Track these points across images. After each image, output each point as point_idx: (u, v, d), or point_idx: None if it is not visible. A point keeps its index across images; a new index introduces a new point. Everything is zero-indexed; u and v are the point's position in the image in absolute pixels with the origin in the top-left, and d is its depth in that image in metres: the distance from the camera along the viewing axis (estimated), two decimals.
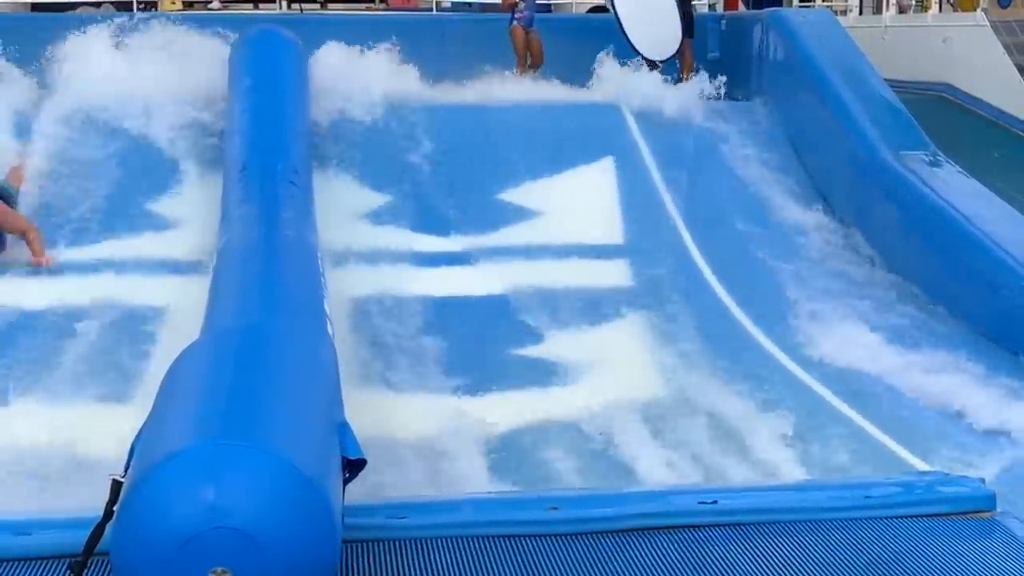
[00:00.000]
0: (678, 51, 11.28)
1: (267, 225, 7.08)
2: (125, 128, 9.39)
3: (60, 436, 5.93)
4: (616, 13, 11.15)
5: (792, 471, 5.86)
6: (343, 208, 8.78)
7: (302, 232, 7.17)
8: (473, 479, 5.73)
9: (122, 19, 10.61)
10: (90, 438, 5.84)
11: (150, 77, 9.79)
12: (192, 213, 8.62)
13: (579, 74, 11.15)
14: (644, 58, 11.05)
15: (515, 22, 11.65)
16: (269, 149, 8.31)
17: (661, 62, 11.16)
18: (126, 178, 9.01)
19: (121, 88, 9.66)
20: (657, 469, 5.93)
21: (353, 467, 3.60)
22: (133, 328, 7.28)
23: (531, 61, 11.66)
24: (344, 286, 7.61)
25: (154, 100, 9.53)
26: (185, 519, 2.97)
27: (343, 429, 3.71)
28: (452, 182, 9.40)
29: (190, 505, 2.99)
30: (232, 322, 5.40)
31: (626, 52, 11.04)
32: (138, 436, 3.46)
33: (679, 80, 11.03)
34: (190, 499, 3.00)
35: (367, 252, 8.32)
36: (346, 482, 3.54)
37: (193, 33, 10.36)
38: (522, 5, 11.70)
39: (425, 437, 6.13)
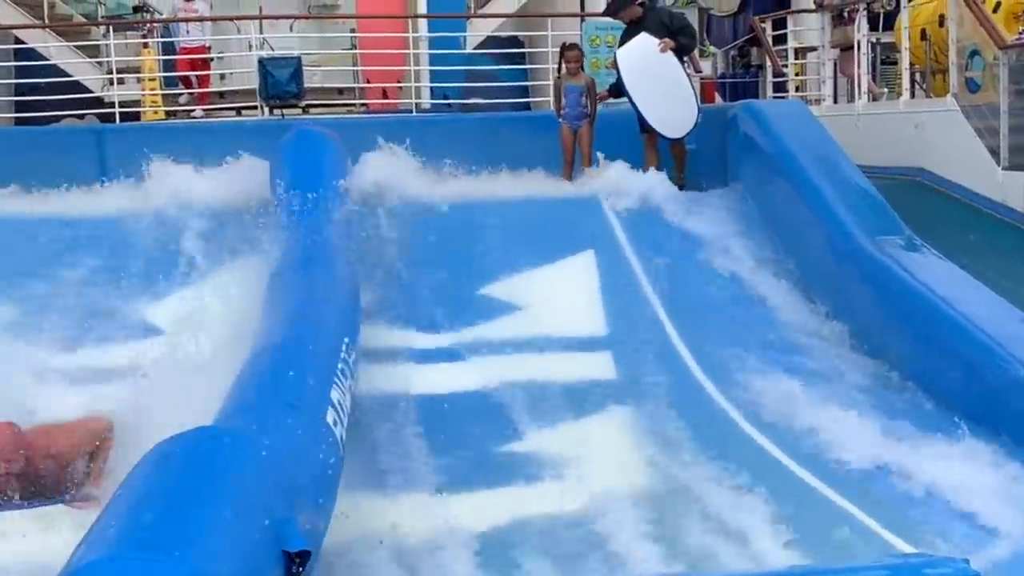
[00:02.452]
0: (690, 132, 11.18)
1: (291, 322, 7.25)
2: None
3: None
4: (630, 96, 11.13)
5: (779, 557, 5.86)
6: None
7: (332, 323, 7.36)
8: None
9: None
10: None
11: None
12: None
13: (558, 168, 11.31)
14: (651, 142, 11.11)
15: (561, 120, 11.36)
16: (310, 245, 8.59)
17: (678, 139, 11.15)
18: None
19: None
20: (645, 561, 5.93)
21: (301, 558, 3.66)
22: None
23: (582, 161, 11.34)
24: None
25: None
26: None
27: (285, 522, 3.77)
28: (436, 278, 9.49)
29: None
30: (217, 420, 5.47)
31: (605, 149, 11.19)
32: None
33: (677, 183, 11.07)
34: None
35: None
36: (296, 574, 3.60)
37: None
38: (564, 101, 11.36)
39: (409, 535, 6.13)
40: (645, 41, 11.08)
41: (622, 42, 11.31)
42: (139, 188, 10.62)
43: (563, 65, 11.44)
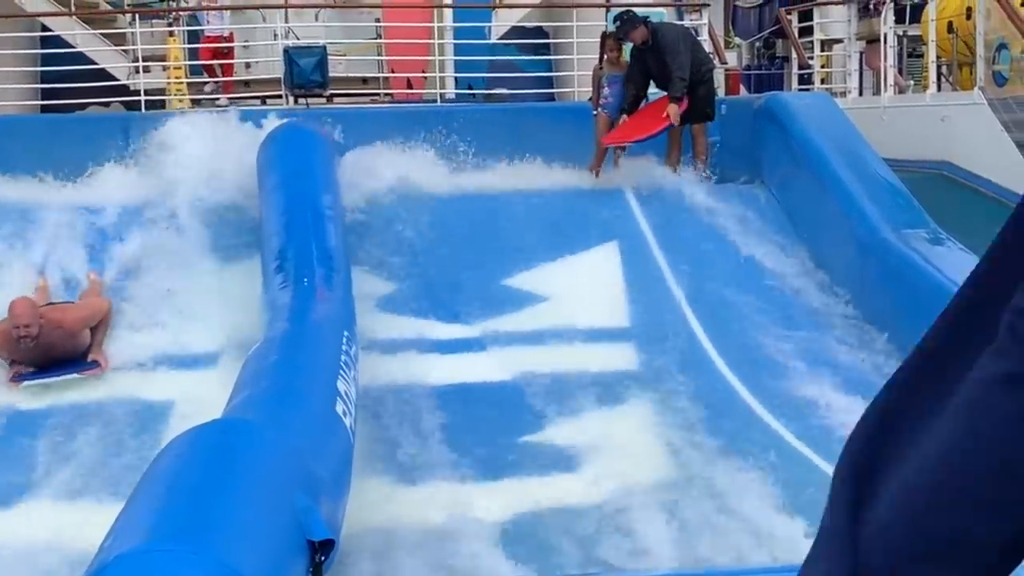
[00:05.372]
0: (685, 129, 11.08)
1: (293, 313, 7.32)
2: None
3: (63, 535, 5.96)
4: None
5: (801, 549, 5.84)
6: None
7: (330, 316, 7.40)
8: (482, 567, 5.73)
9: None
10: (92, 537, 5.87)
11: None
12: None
13: (582, 159, 11.29)
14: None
15: (599, 109, 11.11)
16: (303, 237, 8.57)
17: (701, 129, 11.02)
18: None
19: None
20: (667, 551, 5.93)
21: (324, 548, 3.68)
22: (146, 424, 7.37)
23: (616, 155, 11.07)
24: None
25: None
26: None
27: (307, 511, 3.78)
28: (459, 269, 9.51)
29: None
30: (227, 415, 5.48)
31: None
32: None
33: (695, 166, 10.99)
34: None
35: (376, 340, 8.38)
36: (319, 565, 3.61)
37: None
38: (606, 90, 11.10)
39: (434, 525, 6.15)
40: None
41: (631, 64, 11.08)
42: (164, 174, 10.62)
43: (604, 55, 11.28)
